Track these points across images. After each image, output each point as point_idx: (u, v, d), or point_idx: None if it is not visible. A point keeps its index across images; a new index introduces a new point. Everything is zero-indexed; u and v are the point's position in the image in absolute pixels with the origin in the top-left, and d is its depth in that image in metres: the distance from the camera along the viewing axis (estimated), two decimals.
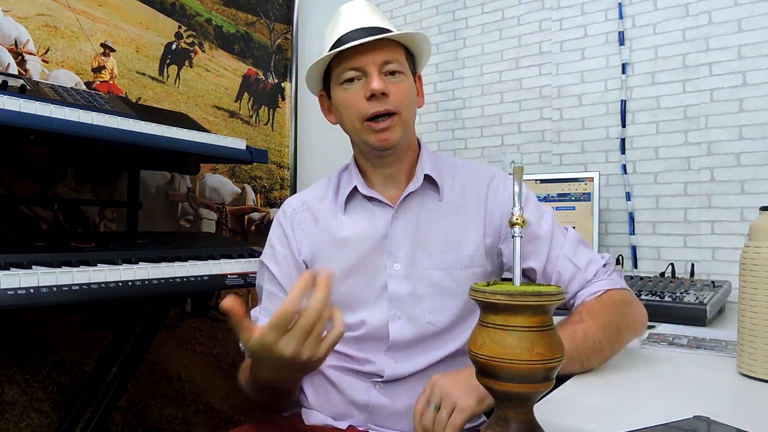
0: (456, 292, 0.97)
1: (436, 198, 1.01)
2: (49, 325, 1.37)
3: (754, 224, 0.85)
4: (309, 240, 1.03)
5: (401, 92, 0.95)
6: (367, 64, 0.93)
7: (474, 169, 1.05)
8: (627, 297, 0.94)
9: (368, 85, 0.92)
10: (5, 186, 1.30)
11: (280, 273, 1.03)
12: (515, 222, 0.59)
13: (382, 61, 0.93)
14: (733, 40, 1.60)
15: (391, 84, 0.94)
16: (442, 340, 0.98)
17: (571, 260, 0.95)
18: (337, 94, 0.98)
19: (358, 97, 0.94)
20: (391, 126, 0.94)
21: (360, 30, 0.94)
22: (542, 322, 0.53)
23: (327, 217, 1.03)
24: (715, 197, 1.62)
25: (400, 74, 0.96)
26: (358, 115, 0.94)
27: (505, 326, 0.53)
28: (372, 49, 0.93)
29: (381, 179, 1.02)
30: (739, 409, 0.75)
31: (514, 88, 2.03)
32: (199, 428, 1.70)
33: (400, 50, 0.97)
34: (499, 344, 0.53)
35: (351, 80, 0.95)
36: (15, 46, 1.31)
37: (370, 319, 0.97)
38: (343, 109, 0.98)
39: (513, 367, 0.52)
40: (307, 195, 1.08)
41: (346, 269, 0.99)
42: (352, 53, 0.93)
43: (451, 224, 0.99)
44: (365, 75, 0.94)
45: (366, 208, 1.01)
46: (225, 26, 1.86)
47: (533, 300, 0.52)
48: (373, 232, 0.99)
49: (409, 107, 0.97)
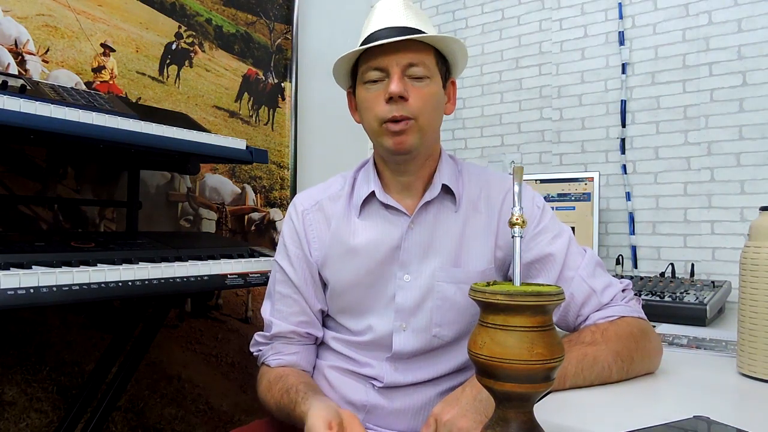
0: (465, 306, 0.95)
1: (453, 209, 0.98)
2: (49, 325, 1.36)
3: (754, 224, 0.85)
4: (320, 243, 1.01)
5: (422, 97, 0.90)
6: (390, 65, 0.89)
7: (490, 179, 1.02)
8: (644, 327, 0.88)
9: (387, 86, 0.89)
10: (5, 186, 1.30)
11: (294, 274, 1.01)
12: (515, 222, 0.59)
13: (406, 63, 0.89)
14: (733, 40, 1.60)
15: (413, 88, 0.90)
16: (446, 353, 0.97)
17: (586, 282, 0.90)
18: (360, 93, 0.95)
19: (378, 98, 0.90)
20: (407, 129, 0.90)
21: (390, 29, 0.90)
22: (542, 322, 0.53)
23: (340, 220, 1.00)
24: (715, 197, 1.63)
25: (425, 78, 0.91)
26: (376, 116, 0.91)
27: (505, 326, 0.53)
28: (398, 50, 0.89)
29: (398, 186, 0.99)
30: (739, 409, 0.75)
31: (514, 88, 2.03)
32: (199, 428, 1.70)
33: (429, 53, 0.92)
34: (499, 344, 0.53)
35: (375, 81, 0.91)
36: (15, 46, 1.31)
37: (376, 326, 0.97)
38: (363, 109, 0.95)
39: (513, 367, 0.52)
40: (320, 194, 1.04)
41: (356, 277, 0.97)
42: (378, 53, 0.90)
43: (464, 237, 0.96)
44: (388, 76, 0.90)
45: (381, 215, 0.98)
46: (225, 26, 1.86)
47: (533, 300, 0.52)
48: (386, 240, 0.97)
49: (430, 113, 0.92)
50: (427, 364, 0.97)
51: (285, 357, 1.01)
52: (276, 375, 0.98)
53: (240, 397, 1.82)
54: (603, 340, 0.82)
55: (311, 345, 1.04)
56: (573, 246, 0.94)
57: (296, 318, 1.01)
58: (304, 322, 1.02)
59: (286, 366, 1.00)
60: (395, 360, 0.96)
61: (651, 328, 0.90)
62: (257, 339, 1.06)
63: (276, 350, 1.02)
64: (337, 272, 0.99)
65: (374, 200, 0.99)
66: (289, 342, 1.02)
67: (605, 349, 0.81)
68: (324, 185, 1.07)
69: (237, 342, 1.82)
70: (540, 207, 0.97)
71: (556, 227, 0.96)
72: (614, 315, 0.87)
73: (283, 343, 1.02)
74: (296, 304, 1.01)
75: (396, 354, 0.96)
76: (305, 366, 1.02)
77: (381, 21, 0.92)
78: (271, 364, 1.01)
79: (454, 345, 0.97)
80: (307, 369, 1.03)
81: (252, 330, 1.52)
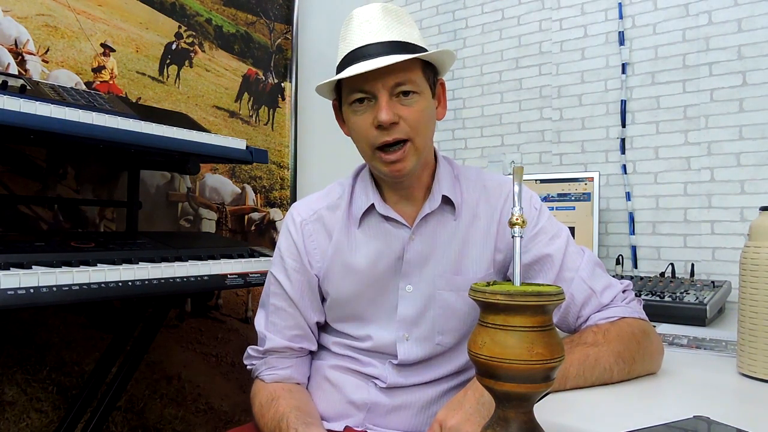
0: (467, 312, 0.95)
1: (452, 217, 0.97)
2: (49, 325, 1.37)
3: (754, 224, 0.85)
4: (322, 256, 0.99)
5: (414, 116, 0.87)
6: (376, 88, 0.85)
7: (487, 183, 1.00)
8: (645, 327, 0.87)
9: (376, 113, 0.85)
10: (5, 186, 1.30)
11: (291, 288, 0.99)
12: (515, 222, 0.59)
13: (392, 84, 0.85)
14: (733, 40, 1.60)
15: (403, 107, 0.86)
16: (448, 356, 0.97)
17: (586, 282, 0.89)
18: (346, 113, 0.92)
19: (366, 122, 0.87)
20: (404, 156, 0.87)
21: (373, 45, 0.86)
22: (542, 322, 0.53)
23: (340, 232, 0.98)
24: (715, 197, 1.62)
25: (414, 94, 0.87)
26: (367, 141, 0.88)
27: (504, 326, 0.53)
28: (382, 72, 0.84)
29: (396, 196, 0.97)
30: (739, 409, 0.75)
31: (514, 88, 2.03)
32: (199, 428, 1.70)
33: (416, 67, 0.88)
34: (499, 344, 0.53)
35: (361, 100, 0.87)
36: (15, 46, 1.31)
37: (377, 336, 0.97)
38: (353, 132, 0.92)
39: (513, 367, 0.52)
40: (318, 203, 1.01)
41: (358, 289, 0.97)
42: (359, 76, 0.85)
43: (464, 244, 0.96)
44: (375, 98, 0.86)
45: (382, 227, 0.97)
46: (225, 26, 1.86)
47: (533, 300, 0.52)
48: (388, 253, 0.96)
49: (424, 130, 0.89)
50: (430, 368, 0.97)
51: (279, 372, 1.00)
52: (267, 397, 0.96)
53: (240, 397, 1.82)
54: (605, 341, 0.81)
55: (305, 357, 1.04)
56: (571, 246, 0.94)
57: (291, 332, 1.00)
58: (298, 336, 1.00)
59: (280, 381, 0.99)
60: (399, 366, 0.97)
61: (652, 328, 0.89)
62: (250, 353, 1.04)
63: (269, 365, 1.00)
64: (338, 285, 0.98)
65: (374, 212, 0.97)
66: (282, 356, 1.00)
67: (607, 350, 0.80)
68: (321, 194, 1.04)
69: (237, 342, 1.82)
70: (537, 208, 0.97)
71: (553, 228, 0.95)
72: (615, 316, 0.87)
73: (276, 357, 1.00)
74: (291, 317, 1.00)
75: (402, 362, 0.96)
76: (299, 378, 1.01)
77: (361, 36, 0.87)
78: (265, 379, 1.00)
79: (456, 348, 0.97)
80: (302, 381, 1.02)
81: (252, 330, 1.51)
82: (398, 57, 0.83)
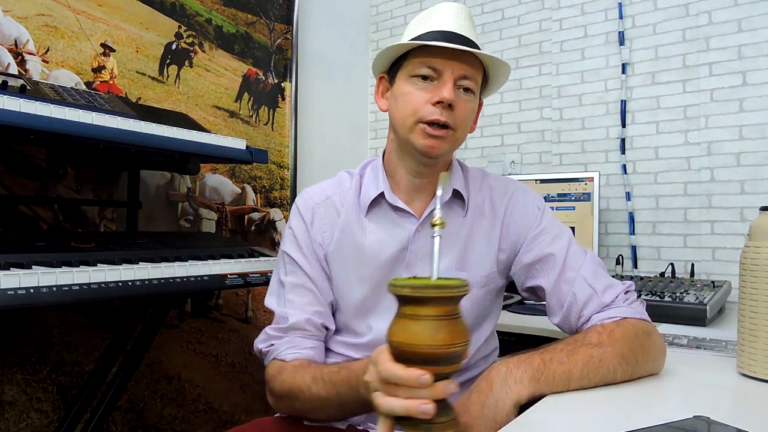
0: (468, 309, 0.94)
1: (461, 213, 0.98)
2: (49, 325, 1.37)
3: (754, 224, 0.85)
4: (331, 237, 0.99)
5: (465, 111, 0.91)
6: (446, 69, 0.88)
7: (493, 183, 1.02)
8: (648, 328, 0.87)
9: (439, 90, 0.88)
10: (5, 186, 1.30)
11: (307, 264, 0.98)
12: (435, 223, 0.65)
13: (461, 74, 0.89)
14: (733, 40, 1.60)
15: (460, 99, 0.90)
16: None
17: (588, 282, 0.90)
18: (402, 84, 0.93)
19: (423, 97, 0.89)
20: (444, 137, 0.90)
21: (453, 34, 0.90)
22: (447, 311, 0.59)
23: (349, 217, 0.99)
24: (715, 197, 1.63)
25: (471, 93, 0.92)
26: (415, 113, 0.90)
27: (413, 315, 0.59)
28: (457, 58, 0.88)
29: (409, 187, 0.98)
30: (739, 409, 0.75)
31: (514, 88, 2.03)
32: (199, 428, 1.70)
33: (479, 71, 0.93)
34: (408, 331, 0.59)
35: (425, 78, 0.90)
36: (15, 46, 1.31)
37: (377, 327, 0.96)
38: (402, 102, 0.92)
39: (418, 351, 0.58)
40: (330, 190, 1.03)
41: (361, 276, 0.97)
42: (437, 53, 0.89)
43: (470, 241, 0.97)
44: (439, 79, 0.89)
45: (389, 216, 0.98)
46: (225, 26, 1.86)
47: (435, 293, 0.59)
48: (393, 242, 0.96)
49: (464, 128, 0.94)
50: None
51: (302, 351, 0.95)
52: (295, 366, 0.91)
53: (240, 397, 1.82)
54: (609, 342, 0.81)
55: (323, 342, 1.01)
56: (573, 246, 0.94)
57: (312, 307, 0.97)
58: (318, 312, 0.98)
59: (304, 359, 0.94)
60: None
61: (655, 329, 0.89)
62: (269, 333, 0.99)
63: (292, 344, 0.95)
64: (342, 267, 0.98)
65: (382, 201, 0.98)
66: (305, 335, 0.96)
67: (611, 352, 0.80)
68: (334, 181, 1.05)
69: (237, 342, 1.82)
70: (540, 209, 0.98)
71: (556, 228, 0.96)
72: (617, 316, 0.87)
73: (299, 336, 0.96)
74: (310, 293, 0.98)
75: None
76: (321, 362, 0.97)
77: (445, 22, 0.92)
78: (287, 357, 0.94)
79: None
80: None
81: (252, 330, 1.52)
82: (478, 51, 0.89)
